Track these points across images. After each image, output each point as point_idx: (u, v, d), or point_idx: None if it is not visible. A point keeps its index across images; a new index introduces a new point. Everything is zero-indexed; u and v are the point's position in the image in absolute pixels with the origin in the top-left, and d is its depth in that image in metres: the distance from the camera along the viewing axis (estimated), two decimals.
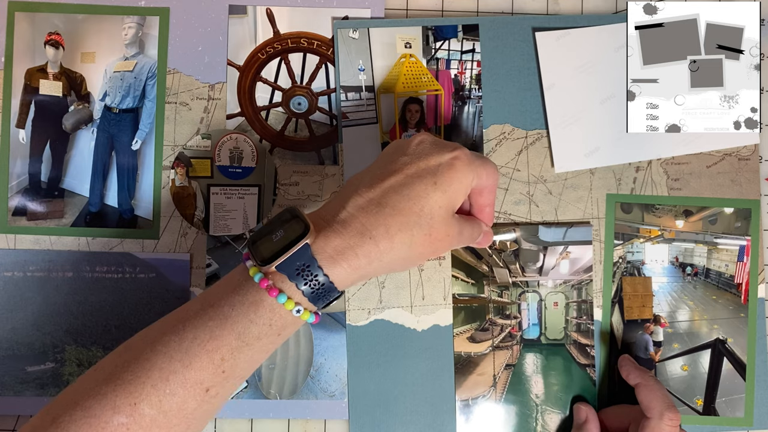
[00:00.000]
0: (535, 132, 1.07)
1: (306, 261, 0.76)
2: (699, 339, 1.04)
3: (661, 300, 1.04)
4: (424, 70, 1.08)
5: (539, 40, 1.07)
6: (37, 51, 1.08)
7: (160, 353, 0.75)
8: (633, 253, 1.03)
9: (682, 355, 1.04)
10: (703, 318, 1.04)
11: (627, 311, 1.04)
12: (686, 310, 1.04)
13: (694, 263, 1.04)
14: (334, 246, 0.77)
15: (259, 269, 0.77)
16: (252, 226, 1.07)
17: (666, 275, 1.04)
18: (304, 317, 0.79)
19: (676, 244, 1.04)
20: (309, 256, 0.76)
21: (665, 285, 1.04)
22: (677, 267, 1.05)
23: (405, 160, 0.83)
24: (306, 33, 1.09)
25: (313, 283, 0.77)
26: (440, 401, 1.05)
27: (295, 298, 0.77)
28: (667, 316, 1.04)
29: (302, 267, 0.76)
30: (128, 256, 1.07)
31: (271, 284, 0.76)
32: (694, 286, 1.04)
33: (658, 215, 1.01)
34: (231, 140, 1.08)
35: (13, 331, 1.05)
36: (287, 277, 0.76)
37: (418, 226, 0.80)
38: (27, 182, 1.07)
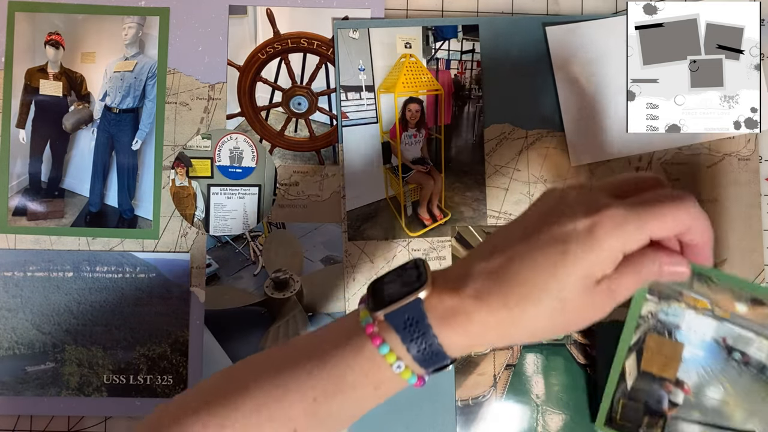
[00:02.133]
0: (535, 132, 1.07)
1: (416, 316, 0.71)
2: (728, 422, 0.93)
3: (690, 370, 0.94)
4: (424, 70, 1.08)
5: (549, 35, 1.07)
6: (38, 51, 1.08)
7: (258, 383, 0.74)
8: (667, 314, 0.92)
9: (703, 426, 0.93)
10: (740, 406, 0.93)
11: (645, 362, 0.95)
12: (720, 391, 0.93)
13: (748, 353, 0.91)
14: (448, 306, 0.71)
15: (369, 314, 0.73)
16: (252, 226, 1.07)
17: (704, 350, 0.93)
18: (404, 375, 0.72)
19: (728, 326, 0.91)
20: (420, 311, 0.71)
21: (700, 358, 0.93)
22: (721, 348, 0.92)
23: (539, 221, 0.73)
24: (306, 33, 1.09)
25: (420, 341, 0.71)
26: (440, 401, 1.05)
27: (398, 352, 0.72)
28: (693, 387, 0.94)
29: (411, 321, 0.71)
30: (128, 255, 1.07)
31: (376, 332, 0.72)
32: (740, 373, 0.92)
33: (713, 289, 0.88)
34: (231, 140, 1.08)
35: (13, 331, 1.05)
36: (394, 330, 0.71)
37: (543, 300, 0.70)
38: (27, 182, 1.07)
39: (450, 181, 1.08)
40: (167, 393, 1.06)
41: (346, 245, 1.07)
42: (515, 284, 0.70)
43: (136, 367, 1.06)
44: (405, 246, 1.07)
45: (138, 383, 1.06)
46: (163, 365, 1.06)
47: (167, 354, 1.06)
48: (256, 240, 1.08)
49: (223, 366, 1.05)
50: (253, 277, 1.08)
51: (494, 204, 1.07)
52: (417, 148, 1.08)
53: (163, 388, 1.06)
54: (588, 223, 0.68)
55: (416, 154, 1.08)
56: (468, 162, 1.08)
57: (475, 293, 0.71)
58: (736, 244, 1.07)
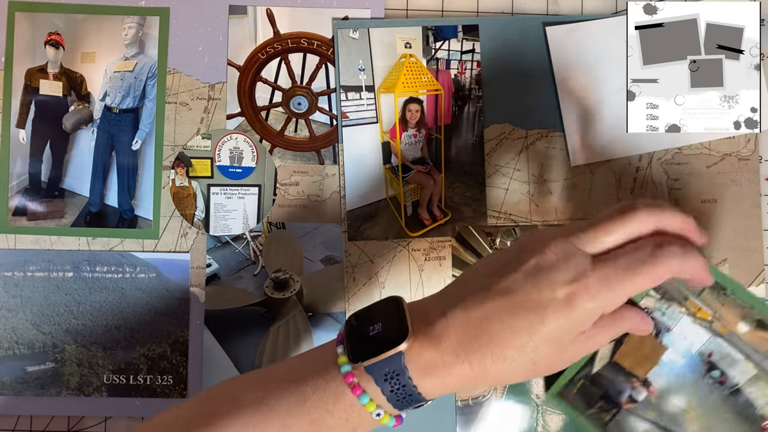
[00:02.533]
0: (535, 132, 1.07)
1: (396, 369, 0.72)
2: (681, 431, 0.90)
3: (662, 374, 0.89)
4: (424, 70, 1.08)
5: (550, 35, 1.07)
6: (38, 51, 1.08)
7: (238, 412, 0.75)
8: (663, 314, 0.87)
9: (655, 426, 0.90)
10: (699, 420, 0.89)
11: (620, 354, 0.91)
12: (684, 401, 0.89)
13: (728, 374, 0.87)
14: (428, 359, 0.73)
15: (348, 361, 0.74)
16: (252, 226, 1.07)
17: (685, 359, 0.88)
18: (383, 420, 0.75)
19: (720, 342, 0.87)
20: (401, 365, 0.72)
21: (677, 366, 0.89)
22: (703, 362, 0.88)
23: (518, 280, 0.73)
24: (306, 33, 1.09)
25: (400, 391, 0.73)
26: (440, 401, 1.03)
27: (377, 401, 0.73)
28: (658, 390, 0.90)
29: (392, 374, 0.72)
30: (128, 255, 1.07)
31: (356, 382, 0.73)
32: (711, 391, 0.88)
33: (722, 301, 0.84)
34: (231, 140, 1.08)
35: (13, 331, 1.05)
36: (374, 381, 0.73)
37: (518, 361, 0.72)
38: (27, 182, 1.07)
39: (450, 181, 1.08)
40: (167, 393, 1.06)
41: (346, 245, 1.07)
42: (493, 345, 0.72)
43: (136, 367, 1.06)
44: (405, 246, 1.07)
45: (138, 383, 1.06)
46: (163, 365, 1.06)
47: (167, 354, 1.06)
48: (256, 240, 1.08)
49: (223, 366, 1.06)
50: (253, 277, 1.08)
51: (494, 204, 1.07)
52: (417, 148, 1.08)
53: (163, 388, 1.06)
54: (567, 293, 0.71)
55: (416, 154, 1.08)
56: (468, 162, 1.07)
57: (454, 349, 0.72)
58: (736, 244, 1.07)
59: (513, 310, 0.72)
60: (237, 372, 1.06)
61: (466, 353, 0.72)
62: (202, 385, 1.06)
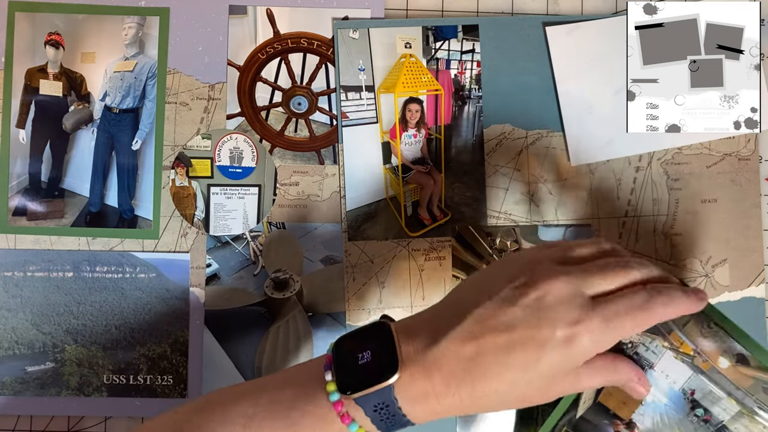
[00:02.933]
0: (535, 132, 1.07)
1: (386, 401, 0.72)
2: None
3: (647, 414, 0.88)
4: (424, 70, 1.08)
5: (550, 35, 1.07)
6: (38, 51, 1.08)
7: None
8: (647, 349, 0.85)
9: None
10: None
11: (604, 394, 0.89)
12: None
13: (711, 411, 0.86)
14: (418, 389, 0.73)
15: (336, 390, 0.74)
16: (252, 226, 1.07)
17: (669, 398, 0.87)
18: None
19: (702, 379, 0.85)
20: (391, 397, 0.72)
21: (662, 405, 0.87)
22: (687, 400, 0.87)
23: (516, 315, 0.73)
24: (306, 33, 1.09)
25: (389, 420, 0.73)
26: None
27: (366, 427, 0.74)
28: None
29: (382, 405, 0.72)
30: (128, 255, 1.07)
31: (345, 411, 0.73)
32: (696, 429, 0.86)
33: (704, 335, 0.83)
34: (231, 140, 1.08)
35: (13, 331, 1.05)
36: (363, 411, 0.73)
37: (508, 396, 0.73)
38: (27, 182, 1.07)
39: (450, 181, 1.08)
40: (167, 393, 1.06)
41: (346, 245, 1.07)
42: (486, 379, 0.72)
43: (136, 367, 1.06)
44: (405, 246, 1.07)
45: (138, 383, 1.06)
46: (163, 365, 1.06)
47: (167, 354, 1.06)
48: (256, 240, 1.08)
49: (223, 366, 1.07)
50: (253, 277, 1.08)
51: (494, 204, 1.07)
52: (417, 148, 1.08)
53: (163, 388, 1.06)
54: (568, 334, 0.71)
55: (416, 154, 1.08)
56: (468, 162, 1.07)
57: (446, 380, 0.73)
58: (736, 244, 1.07)
59: (509, 347, 0.72)
60: (237, 372, 1.06)
61: (457, 385, 0.72)
62: (201, 384, 1.06)
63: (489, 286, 0.77)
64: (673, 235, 1.07)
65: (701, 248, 1.07)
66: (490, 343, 0.72)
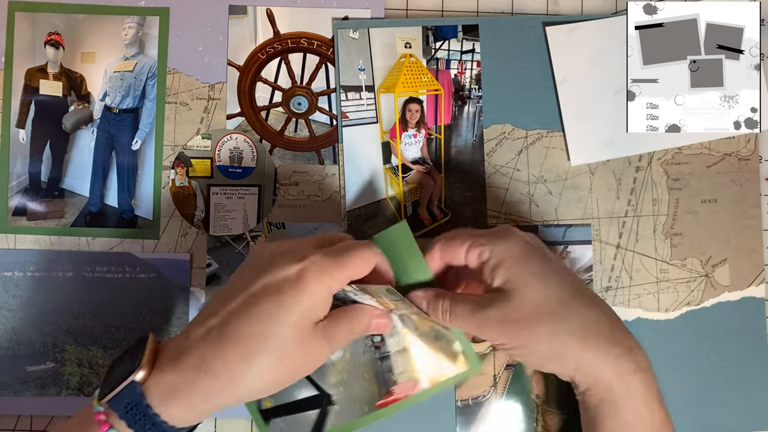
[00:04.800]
0: (535, 132, 1.07)
1: (134, 399, 0.73)
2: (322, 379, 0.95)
3: None
4: (424, 70, 1.08)
5: (550, 34, 1.07)
6: (37, 51, 1.08)
7: None
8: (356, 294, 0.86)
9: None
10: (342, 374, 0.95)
11: None
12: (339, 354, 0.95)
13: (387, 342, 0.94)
14: (168, 383, 0.74)
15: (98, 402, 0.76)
16: (252, 226, 1.07)
17: None
18: None
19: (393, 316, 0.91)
20: (137, 394, 0.73)
21: None
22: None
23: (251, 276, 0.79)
24: (306, 33, 1.09)
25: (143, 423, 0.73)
26: (440, 401, 1.05)
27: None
28: None
29: (131, 405, 0.73)
30: (128, 256, 1.07)
31: (104, 419, 0.74)
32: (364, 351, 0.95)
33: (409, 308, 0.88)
34: (231, 140, 1.08)
35: (13, 331, 1.05)
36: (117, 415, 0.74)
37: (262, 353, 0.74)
38: (27, 182, 1.07)
39: (450, 181, 1.07)
40: None
41: None
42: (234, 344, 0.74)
43: None
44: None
45: None
46: None
47: None
48: (256, 240, 1.08)
49: None
50: None
51: (494, 204, 1.07)
52: (417, 148, 1.08)
53: None
54: (298, 270, 0.77)
55: (416, 154, 1.08)
56: (468, 162, 1.07)
57: (196, 363, 0.74)
58: (736, 244, 1.07)
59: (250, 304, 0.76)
60: None
61: (207, 363, 0.74)
62: None
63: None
64: (673, 235, 1.07)
65: (701, 248, 1.07)
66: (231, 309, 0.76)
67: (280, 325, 0.75)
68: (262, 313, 0.75)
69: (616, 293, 1.07)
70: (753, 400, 1.06)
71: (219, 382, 0.74)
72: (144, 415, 0.73)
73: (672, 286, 1.07)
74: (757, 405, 1.06)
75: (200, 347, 0.75)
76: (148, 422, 0.73)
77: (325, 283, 0.77)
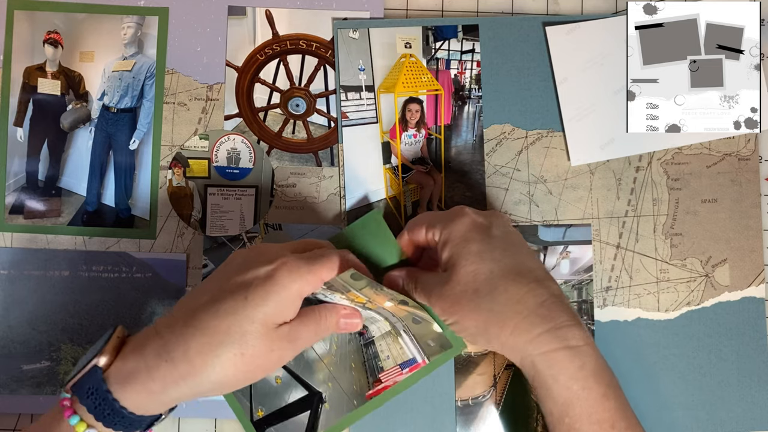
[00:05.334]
0: (535, 132, 1.07)
1: (95, 384, 0.75)
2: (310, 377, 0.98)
3: None
4: (424, 70, 1.08)
5: (550, 34, 1.07)
6: (36, 49, 1.08)
7: None
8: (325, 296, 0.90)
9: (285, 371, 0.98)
10: (329, 368, 0.98)
11: None
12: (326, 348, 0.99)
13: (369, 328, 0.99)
14: (128, 368, 0.76)
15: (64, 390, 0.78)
16: (249, 227, 1.07)
17: None
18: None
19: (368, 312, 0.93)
20: (98, 379, 0.75)
21: None
22: None
23: (223, 276, 0.82)
24: (305, 35, 1.09)
25: (102, 406, 0.74)
26: (440, 401, 1.04)
27: (88, 420, 0.75)
28: None
29: (92, 390, 0.75)
30: (125, 255, 1.07)
31: (68, 404, 0.76)
32: (349, 340, 1.00)
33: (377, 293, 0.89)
34: (229, 141, 1.08)
35: (9, 330, 1.05)
36: (79, 399, 0.75)
37: (225, 345, 0.76)
38: (24, 180, 1.07)
39: (450, 181, 1.07)
40: None
41: None
42: (198, 334, 0.76)
43: None
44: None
45: None
46: None
47: None
48: (253, 241, 1.07)
49: None
50: None
51: (494, 204, 1.07)
52: (417, 148, 1.08)
53: None
54: (268, 269, 0.80)
55: (416, 154, 1.08)
56: (468, 162, 1.08)
57: (157, 351, 0.76)
58: (736, 244, 1.07)
59: (218, 299, 0.78)
60: None
61: (168, 351, 0.75)
62: None
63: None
64: (673, 235, 1.07)
65: (701, 248, 1.07)
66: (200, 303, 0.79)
67: (245, 321, 0.76)
68: (228, 308, 0.77)
69: (616, 293, 1.07)
70: (753, 400, 1.06)
71: (178, 371, 0.75)
72: (104, 399, 0.74)
73: (672, 286, 1.07)
74: (757, 405, 1.06)
75: (164, 336, 0.77)
76: (108, 407, 0.74)
77: (295, 285, 0.80)
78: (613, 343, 1.06)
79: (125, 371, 0.75)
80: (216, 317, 0.76)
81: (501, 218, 0.89)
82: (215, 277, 0.83)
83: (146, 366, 0.75)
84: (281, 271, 0.79)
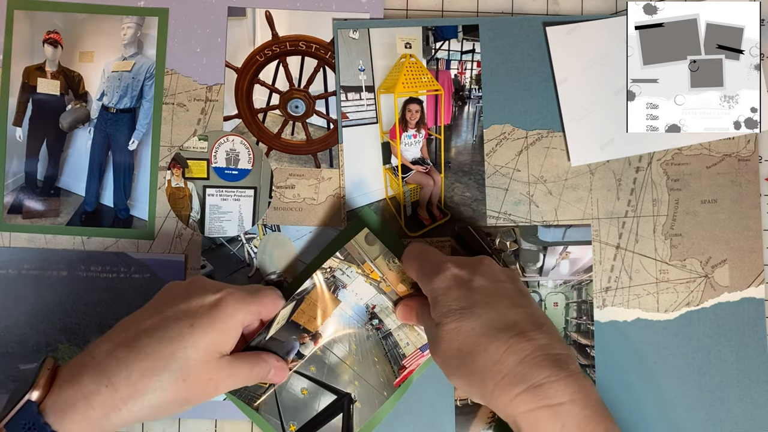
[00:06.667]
0: (535, 132, 1.07)
1: (31, 419, 0.73)
2: (335, 380, 0.99)
3: (332, 324, 1.00)
4: (424, 70, 1.08)
5: (550, 34, 1.07)
6: (36, 49, 1.08)
7: None
8: (343, 273, 0.99)
9: (310, 381, 0.98)
10: (353, 368, 0.99)
11: (298, 313, 0.99)
12: (344, 349, 1.00)
13: (384, 322, 1.01)
14: (66, 398, 0.75)
15: None
16: (247, 228, 1.07)
17: (354, 311, 1.01)
18: None
19: (383, 297, 1.00)
20: (34, 414, 0.74)
21: (347, 317, 1.01)
22: (368, 312, 1.01)
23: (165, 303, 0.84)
24: (305, 36, 1.09)
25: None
26: (440, 401, 1.04)
27: None
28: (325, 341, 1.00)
29: (29, 426, 0.73)
30: (123, 255, 1.06)
31: None
32: (368, 336, 1.01)
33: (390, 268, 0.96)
34: (228, 142, 1.08)
35: (7, 329, 1.04)
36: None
37: (168, 371, 0.77)
38: (23, 180, 1.07)
39: (450, 181, 1.07)
40: None
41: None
42: (140, 359, 0.76)
43: None
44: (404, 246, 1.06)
45: None
46: None
47: None
48: (251, 242, 1.07)
49: None
50: (248, 279, 1.07)
51: (494, 204, 1.07)
52: (417, 148, 1.08)
53: None
54: (215, 299, 0.85)
55: (416, 154, 1.08)
56: (468, 162, 1.07)
57: (96, 376, 0.76)
58: (736, 244, 1.07)
59: (162, 326, 0.80)
60: None
61: (108, 377, 0.75)
62: None
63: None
64: (672, 236, 1.07)
65: (701, 249, 1.07)
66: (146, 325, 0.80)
67: (190, 347, 0.79)
68: (173, 335, 0.79)
69: (616, 294, 1.07)
70: (752, 400, 1.06)
71: (120, 395, 0.75)
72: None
73: (672, 287, 1.07)
74: (757, 405, 1.06)
75: (103, 362, 0.77)
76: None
77: (239, 314, 0.86)
78: (612, 343, 1.05)
79: (62, 401, 0.75)
80: (160, 343, 0.78)
81: (486, 266, 0.88)
82: (154, 305, 0.85)
83: (84, 394, 0.75)
84: (227, 300, 0.85)
